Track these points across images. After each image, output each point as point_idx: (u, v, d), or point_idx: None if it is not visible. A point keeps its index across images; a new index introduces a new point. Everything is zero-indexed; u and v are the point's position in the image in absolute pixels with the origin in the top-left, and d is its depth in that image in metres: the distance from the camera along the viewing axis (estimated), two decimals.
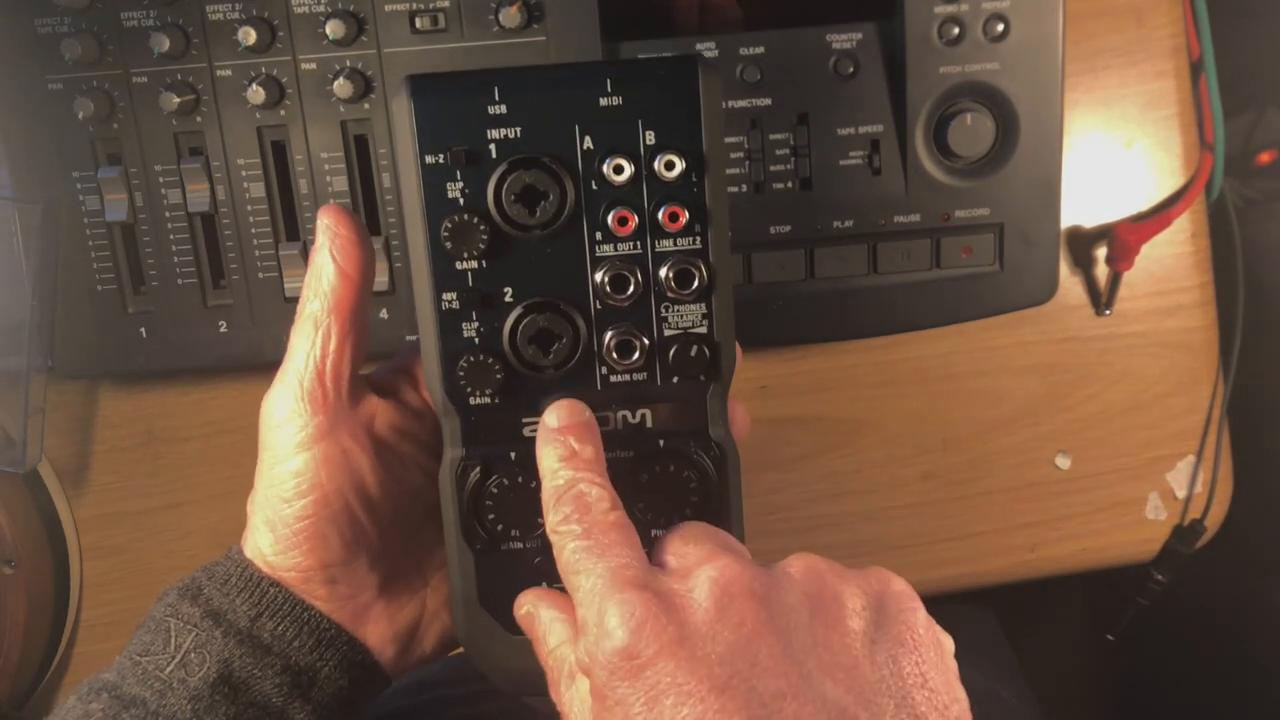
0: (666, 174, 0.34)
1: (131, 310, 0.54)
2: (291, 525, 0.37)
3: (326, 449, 0.37)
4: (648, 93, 0.34)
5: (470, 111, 0.34)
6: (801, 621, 0.30)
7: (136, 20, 0.51)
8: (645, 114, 0.34)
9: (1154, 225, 0.58)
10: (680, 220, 0.35)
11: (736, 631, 0.29)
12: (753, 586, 0.30)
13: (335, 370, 0.37)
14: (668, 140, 0.34)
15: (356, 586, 0.38)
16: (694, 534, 0.33)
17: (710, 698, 0.28)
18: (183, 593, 0.38)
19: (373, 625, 0.39)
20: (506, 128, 0.34)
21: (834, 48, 0.52)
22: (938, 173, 0.53)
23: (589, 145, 0.34)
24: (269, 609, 0.37)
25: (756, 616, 0.29)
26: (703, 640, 0.29)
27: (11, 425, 0.55)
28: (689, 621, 0.29)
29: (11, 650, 0.57)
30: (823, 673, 0.29)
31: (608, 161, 0.34)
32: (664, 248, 0.35)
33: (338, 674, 0.38)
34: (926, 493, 0.61)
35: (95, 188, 0.52)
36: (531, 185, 0.34)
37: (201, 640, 0.36)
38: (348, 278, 0.37)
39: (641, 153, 0.35)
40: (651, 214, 0.35)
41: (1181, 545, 0.62)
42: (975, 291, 0.54)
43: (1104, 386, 0.61)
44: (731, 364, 0.37)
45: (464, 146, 0.34)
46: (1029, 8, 0.51)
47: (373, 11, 0.51)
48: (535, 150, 0.34)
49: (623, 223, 0.35)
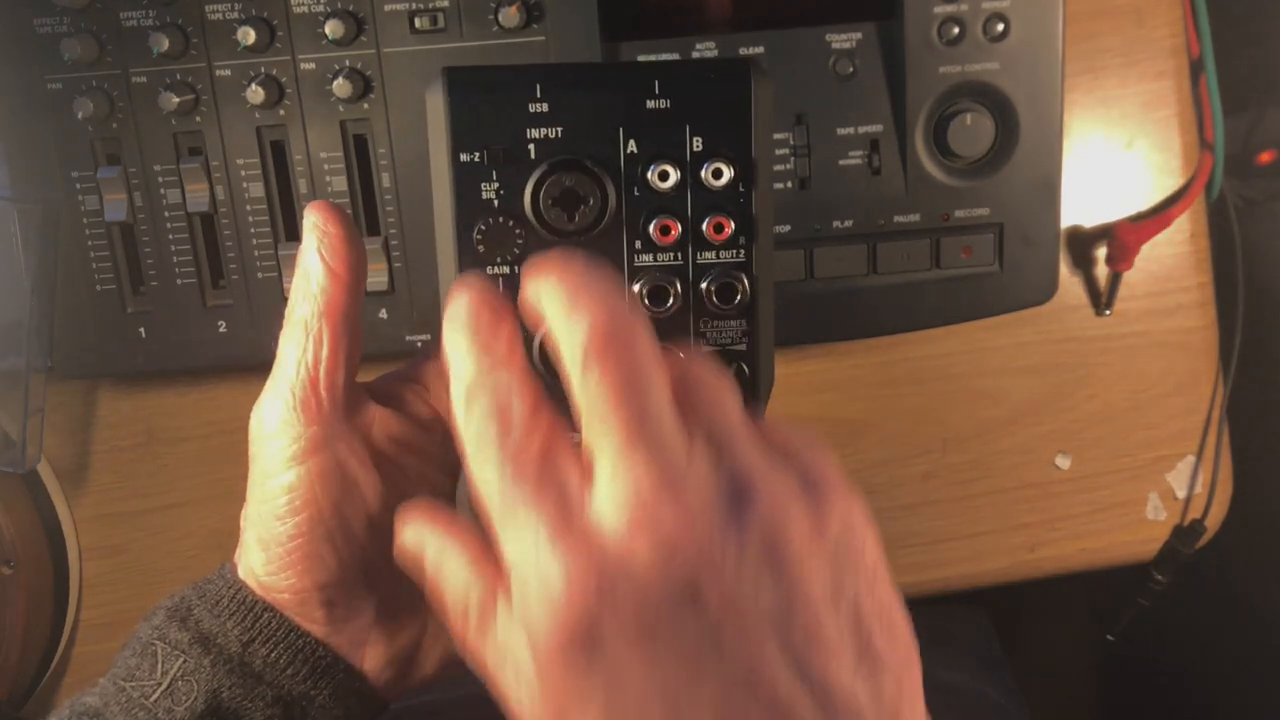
0: (714, 182, 0.33)
1: (131, 310, 0.54)
2: (284, 544, 0.34)
3: (321, 462, 0.34)
4: (697, 97, 0.33)
5: (510, 108, 0.32)
6: (767, 593, 0.27)
7: (136, 20, 0.51)
8: (694, 119, 0.33)
9: (1154, 225, 0.58)
10: (725, 231, 0.33)
11: (700, 613, 0.26)
12: (713, 561, 0.26)
13: (329, 377, 0.34)
14: (716, 147, 0.33)
15: (354, 608, 0.36)
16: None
17: (682, 682, 0.26)
18: (171, 614, 0.36)
19: (370, 649, 0.37)
20: (547, 127, 0.32)
21: (834, 48, 0.52)
22: (937, 173, 0.53)
23: (633, 149, 0.33)
24: (261, 634, 0.35)
25: (721, 598, 0.26)
26: (666, 626, 0.26)
27: (11, 425, 0.55)
28: (648, 603, 0.26)
29: (11, 650, 0.56)
30: (797, 640, 0.27)
31: (652, 167, 0.33)
32: (706, 260, 0.34)
33: (332, 702, 0.36)
34: (927, 493, 0.61)
35: (94, 188, 0.52)
36: (571, 189, 0.32)
37: (189, 668, 0.34)
38: (338, 278, 0.34)
39: (688, 159, 0.33)
40: (695, 224, 0.33)
41: (1181, 545, 0.62)
42: (975, 291, 0.54)
43: (1104, 386, 0.61)
44: (769, 384, 0.35)
45: (501, 145, 0.32)
46: (1029, 8, 0.51)
47: (372, 11, 0.51)
48: (576, 152, 0.33)
49: (665, 232, 0.33)
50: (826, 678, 0.26)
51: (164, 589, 0.38)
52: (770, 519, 0.27)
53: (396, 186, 0.53)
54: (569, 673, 0.26)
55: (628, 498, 0.27)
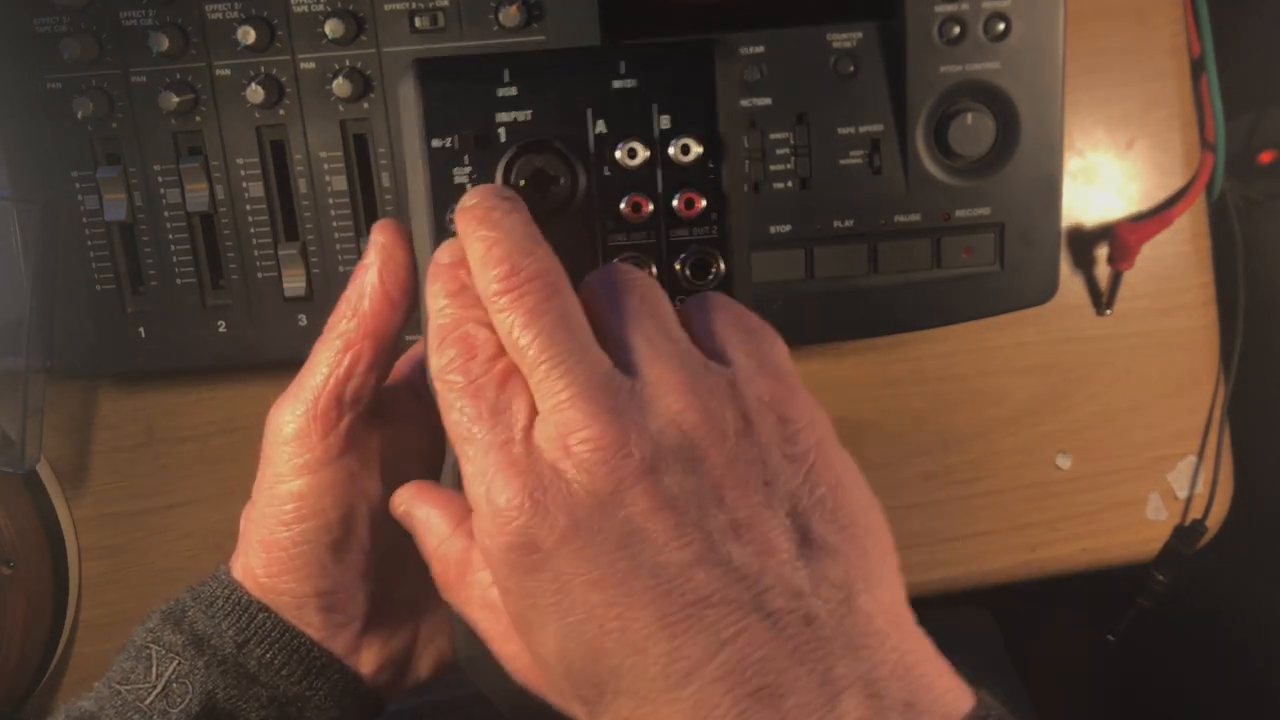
0: (682, 158, 0.33)
1: (130, 310, 0.54)
2: (288, 550, 0.35)
3: (333, 474, 0.34)
4: (662, 75, 0.33)
5: (479, 94, 0.33)
6: (691, 488, 0.28)
7: (135, 20, 0.51)
8: (660, 97, 0.33)
9: (1155, 225, 0.58)
10: (697, 206, 0.34)
11: (628, 515, 0.27)
12: (633, 458, 0.28)
13: (355, 394, 0.34)
14: (683, 125, 0.33)
15: (353, 612, 0.36)
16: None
17: (615, 582, 0.27)
18: (166, 617, 0.36)
19: (367, 651, 0.37)
20: (516, 110, 0.33)
21: (834, 47, 0.52)
22: (938, 172, 0.53)
23: (601, 129, 0.33)
24: (256, 635, 0.35)
25: (646, 495, 0.28)
26: (596, 530, 0.28)
27: (10, 425, 0.55)
28: (577, 509, 0.28)
29: (10, 651, 0.56)
30: (726, 534, 0.28)
31: (621, 146, 0.33)
32: (679, 236, 0.34)
33: (328, 703, 0.36)
34: (927, 493, 0.61)
35: (94, 187, 0.52)
36: (542, 169, 0.33)
37: (184, 670, 0.34)
38: (394, 304, 0.34)
39: (656, 137, 0.33)
40: (666, 201, 0.34)
41: (1182, 545, 0.62)
42: (975, 291, 0.54)
43: (1104, 386, 0.61)
44: None
45: (472, 130, 0.33)
46: (1030, 7, 0.51)
47: (372, 11, 0.51)
48: (546, 134, 0.33)
49: (636, 209, 0.34)
50: (761, 564, 0.28)
51: (164, 589, 0.38)
52: (692, 419, 0.28)
53: (397, 186, 0.53)
54: (518, 580, 0.28)
55: (554, 415, 0.28)
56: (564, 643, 0.28)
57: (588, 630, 0.28)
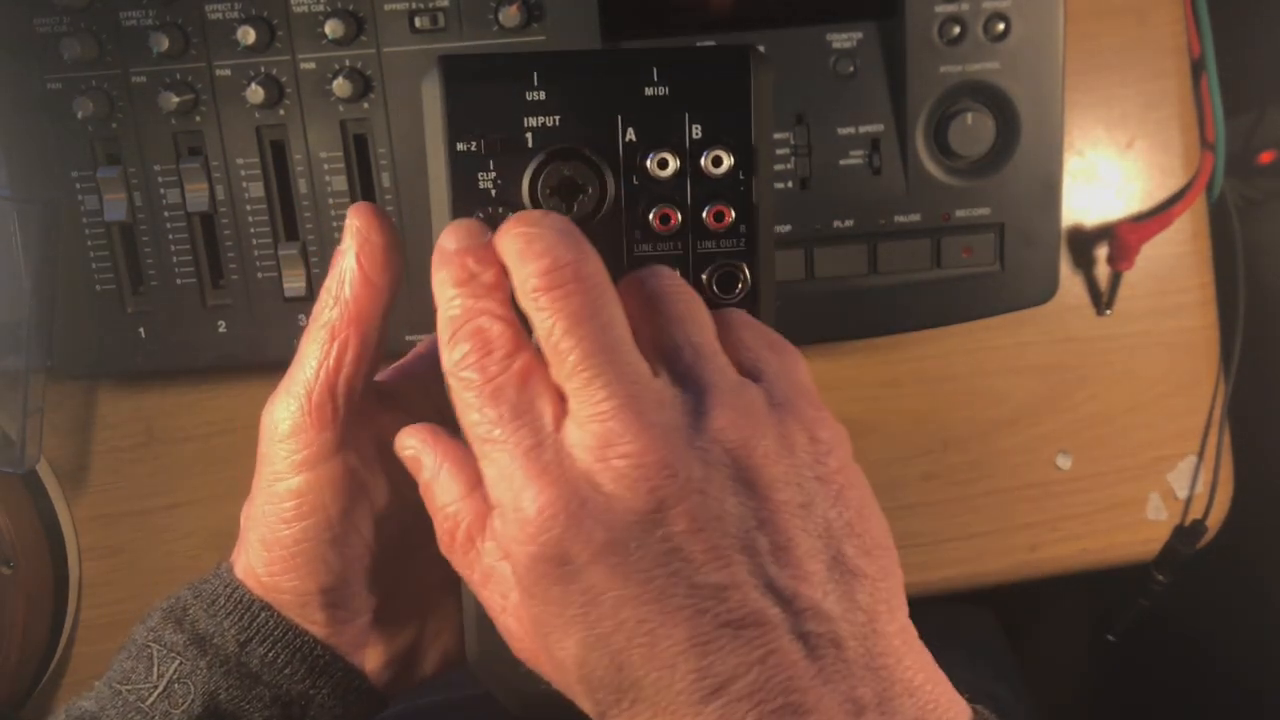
0: (714, 170, 0.32)
1: (130, 310, 0.54)
2: (289, 548, 0.34)
3: (332, 469, 0.34)
4: (696, 84, 0.32)
5: (507, 97, 0.32)
6: (733, 509, 0.28)
7: (136, 20, 0.51)
8: (693, 106, 0.32)
9: (1155, 225, 0.58)
10: (726, 219, 0.33)
11: (667, 533, 0.27)
12: (678, 478, 0.27)
13: (347, 385, 0.34)
14: (716, 135, 0.32)
15: (356, 609, 0.36)
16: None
17: (649, 599, 0.27)
18: (167, 615, 0.35)
19: (371, 648, 0.37)
20: (545, 116, 0.32)
21: (834, 47, 0.52)
22: (938, 172, 0.53)
23: (632, 137, 0.32)
24: (259, 634, 0.35)
25: (688, 515, 0.27)
26: (634, 548, 0.27)
27: (10, 425, 0.55)
28: (615, 525, 0.27)
29: (10, 651, 0.56)
30: (765, 556, 0.28)
31: (651, 155, 0.32)
32: (706, 249, 0.33)
33: (332, 701, 0.36)
34: (927, 493, 0.61)
35: (94, 187, 0.52)
36: (570, 178, 0.32)
37: (186, 670, 0.34)
38: (375, 288, 0.33)
39: (687, 147, 0.32)
40: (695, 213, 0.33)
41: (1182, 545, 0.62)
42: (975, 291, 0.54)
43: (1104, 386, 0.61)
44: None
45: (499, 134, 0.32)
46: (1030, 7, 0.51)
47: (372, 11, 0.51)
48: (574, 141, 0.32)
49: (665, 221, 0.33)
50: (796, 588, 0.27)
51: (163, 589, 0.38)
52: (735, 437, 0.28)
53: (397, 186, 0.53)
54: (544, 588, 0.28)
55: (592, 425, 0.28)
56: (587, 651, 0.28)
57: (614, 642, 0.27)
